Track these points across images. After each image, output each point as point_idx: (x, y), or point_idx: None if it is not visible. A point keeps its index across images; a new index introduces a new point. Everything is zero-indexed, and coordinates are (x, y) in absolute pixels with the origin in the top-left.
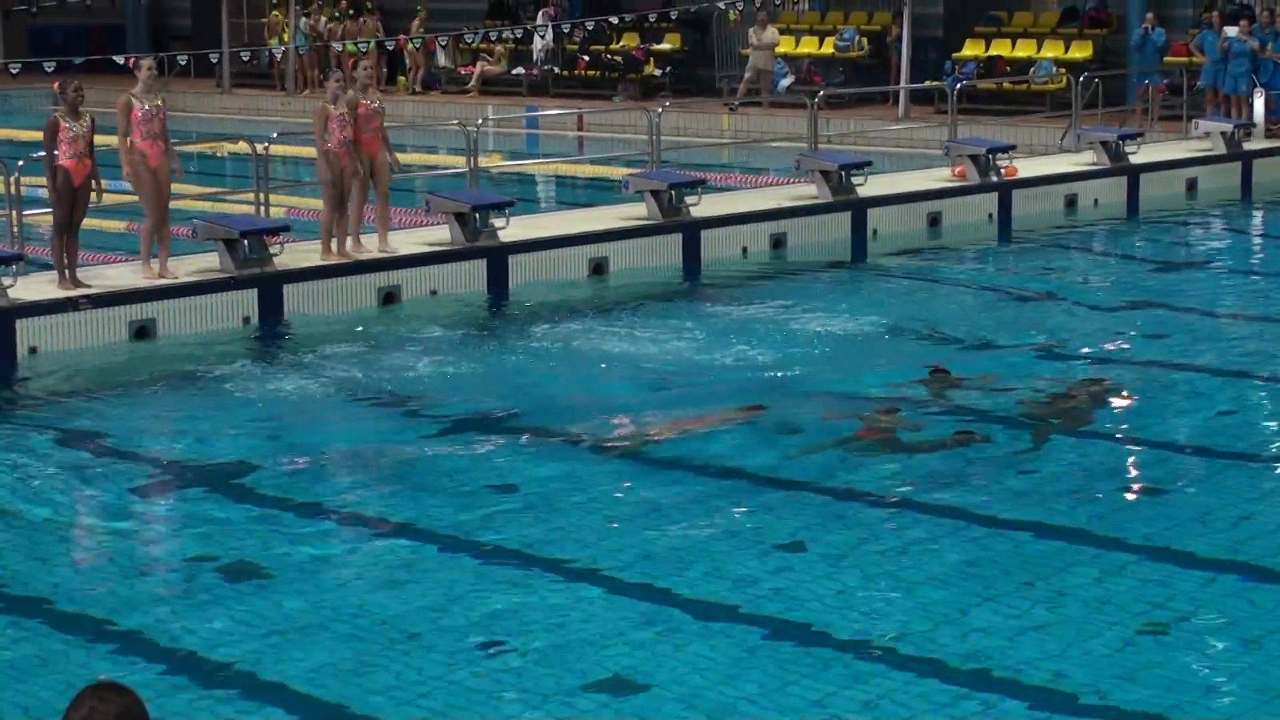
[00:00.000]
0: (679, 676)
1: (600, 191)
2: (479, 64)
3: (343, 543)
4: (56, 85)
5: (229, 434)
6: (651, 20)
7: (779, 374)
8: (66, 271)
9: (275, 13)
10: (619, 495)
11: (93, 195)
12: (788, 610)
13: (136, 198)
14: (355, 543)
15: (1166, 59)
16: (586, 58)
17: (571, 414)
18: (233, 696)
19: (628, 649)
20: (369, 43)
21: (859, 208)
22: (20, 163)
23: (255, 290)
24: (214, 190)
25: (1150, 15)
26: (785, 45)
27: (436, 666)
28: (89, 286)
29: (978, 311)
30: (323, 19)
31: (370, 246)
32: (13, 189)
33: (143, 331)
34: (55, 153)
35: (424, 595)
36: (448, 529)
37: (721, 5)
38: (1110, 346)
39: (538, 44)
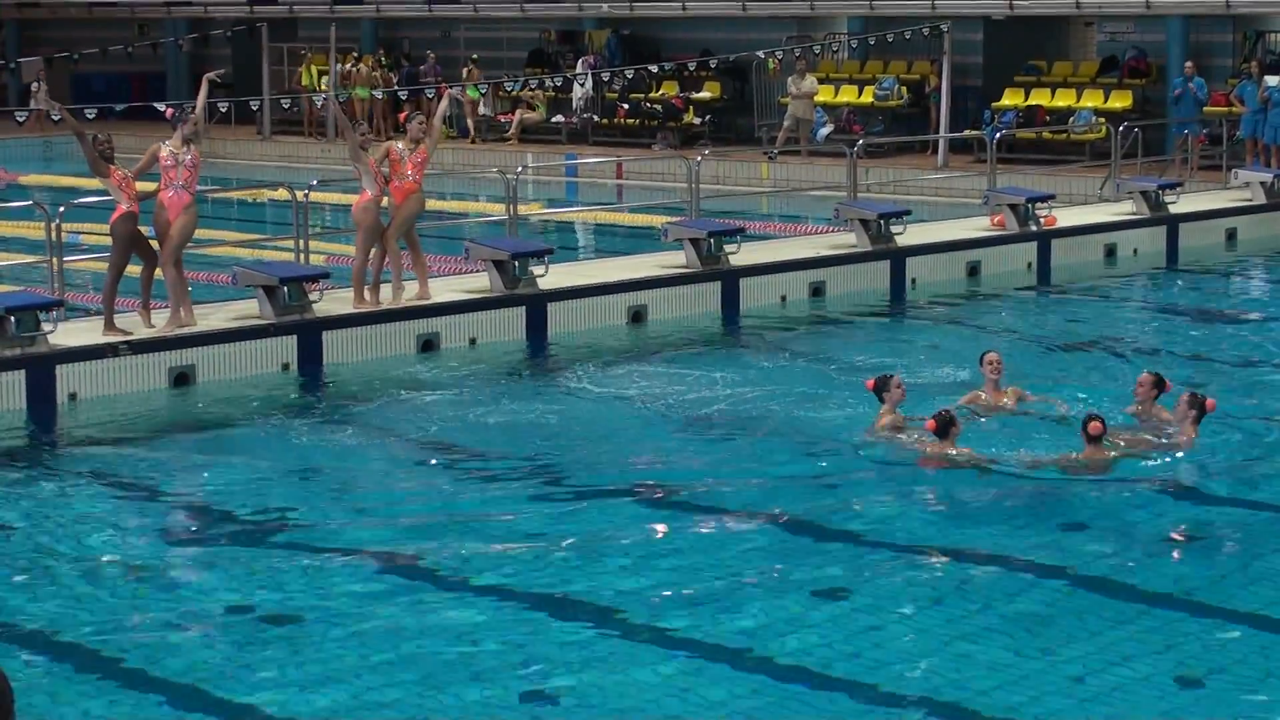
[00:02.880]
0: None
1: (639, 240)
2: (518, 112)
3: (379, 589)
4: (93, 138)
5: (267, 481)
6: (691, 69)
7: (819, 420)
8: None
9: (309, 66)
10: (657, 542)
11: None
12: (824, 658)
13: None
14: (392, 589)
15: (1206, 109)
16: (626, 106)
17: (609, 463)
18: None
19: (663, 695)
20: (379, 91)
21: (898, 257)
22: (61, 209)
23: (295, 337)
24: (254, 237)
25: (1189, 65)
26: (824, 94)
27: (475, 712)
28: (129, 333)
29: (1016, 360)
30: (362, 68)
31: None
32: (53, 235)
33: (182, 378)
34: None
35: (460, 641)
36: (486, 576)
37: (761, 54)
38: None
39: (577, 92)
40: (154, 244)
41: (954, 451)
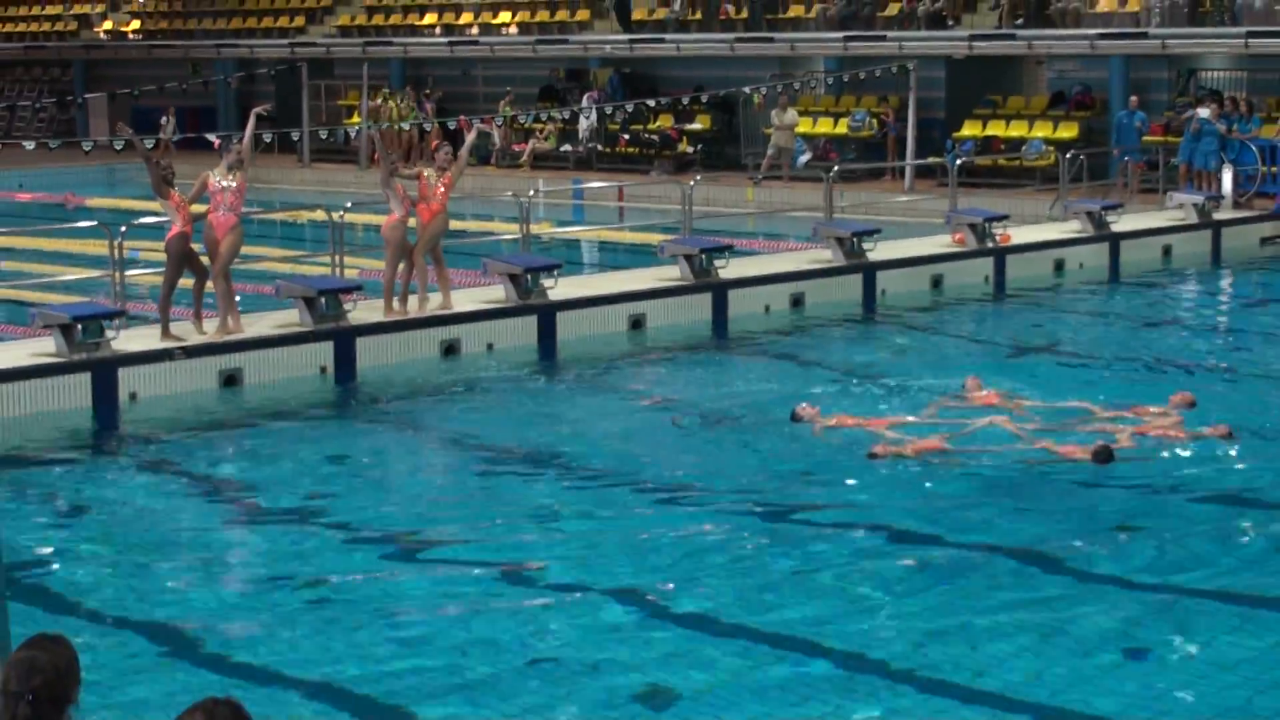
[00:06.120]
0: (709, 691)
1: (639, 256)
2: (530, 142)
3: (408, 569)
4: (157, 164)
5: (306, 471)
6: (685, 103)
7: (801, 416)
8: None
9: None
10: (654, 529)
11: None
12: (810, 631)
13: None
14: (419, 569)
15: (1145, 138)
16: (627, 136)
17: (611, 455)
18: (307, 701)
19: (663, 665)
20: (405, 122)
21: (869, 270)
22: (123, 229)
23: (331, 343)
24: (294, 253)
25: (1134, 99)
26: (804, 125)
27: (493, 679)
28: (183, 339)
29: (975, 363)
30: (394, 103)
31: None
32: (116, 252)
33: (231, 379)
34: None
35: (479, 615)
36: (502, 557)
37: (747, 90)
38: (1091, 395)
39: (583, 124)
40: (205, 259)
41: (908, 450)
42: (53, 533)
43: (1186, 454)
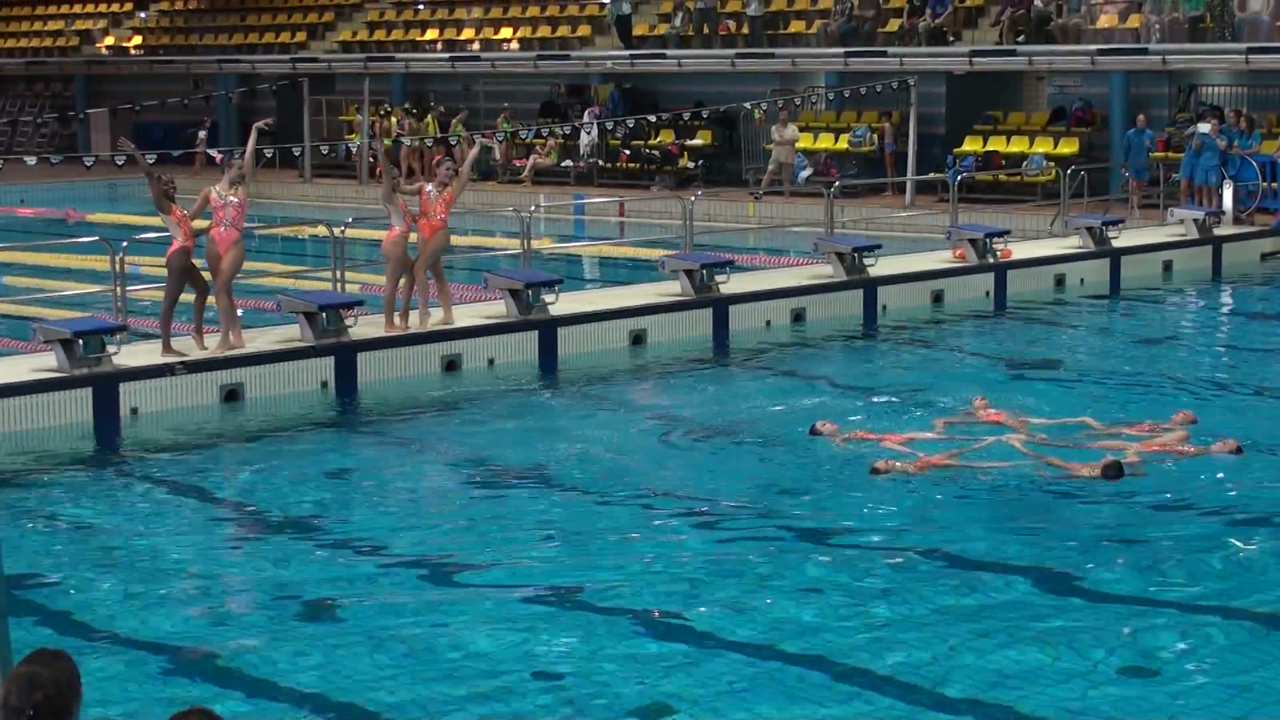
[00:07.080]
0: (713, 707)
1: (639, 271)
2: (532, 157)
3: (409, 584)
4: (159, 179)
5: (307, 486)
6: (685, 118)
7: (799, 432)
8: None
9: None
10: (654, 541)
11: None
12: (807, 642)
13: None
14: (420, 584)
15: (1151, 155)
16: (627, 152)
17: (611, 470)
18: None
19: (669, 682)
20: (426, 138)
21: (870, 286)
22: (124, 244)
23: (332, 358)
24: (296, 268)
25: (1141, 118)
26: (804, 141)
27: (494, 696)
28: (184, 354)
29: (976, 378)
30: (393, 119)
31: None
32: (117, 267)
33: (232, 394)
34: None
35: (480, 630)
36: (503, 573)
37: (748, 105)
38: (1092, 411)
39: (584, 139)
40: (206, 275)
41: (912, 466)
42: (53, 548)
43: (1196, 470)
